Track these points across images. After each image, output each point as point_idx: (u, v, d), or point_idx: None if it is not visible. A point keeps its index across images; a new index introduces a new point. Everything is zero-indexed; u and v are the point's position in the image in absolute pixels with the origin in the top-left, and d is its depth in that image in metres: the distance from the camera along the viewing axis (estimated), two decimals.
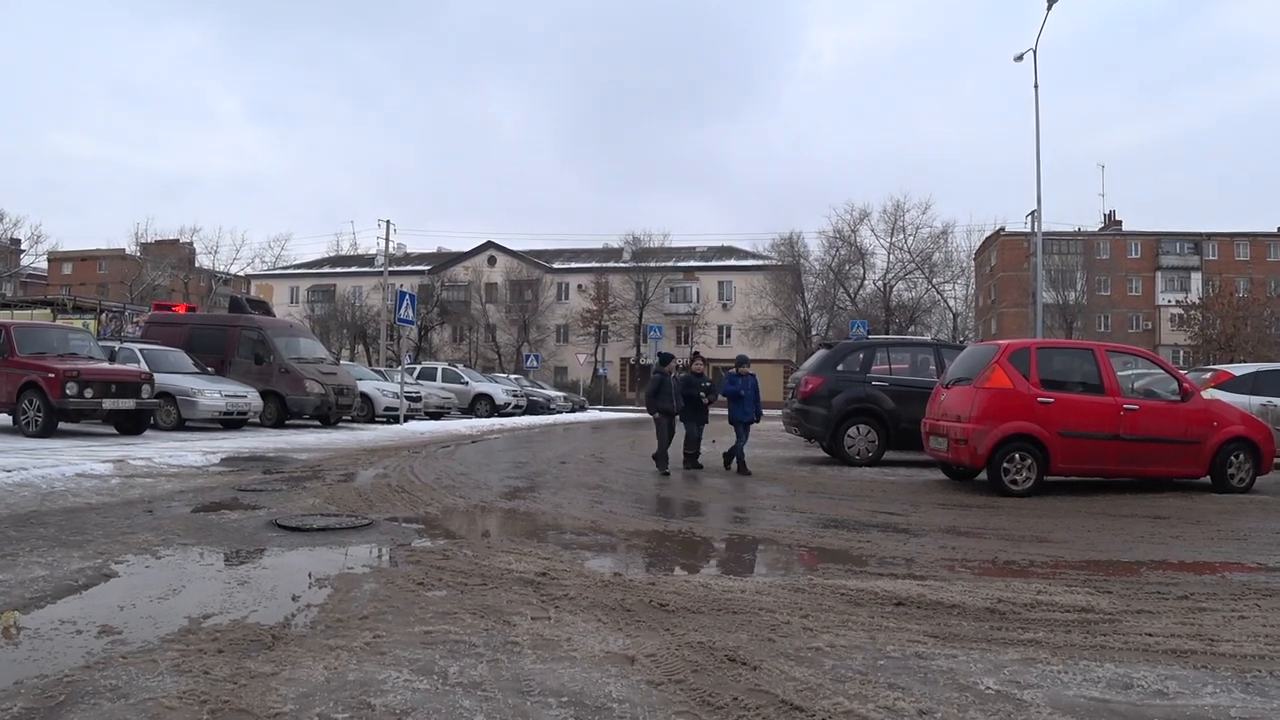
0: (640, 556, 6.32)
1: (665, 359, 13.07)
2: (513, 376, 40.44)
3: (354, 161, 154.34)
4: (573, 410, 39.44)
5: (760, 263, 64.97)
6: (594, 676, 3.46)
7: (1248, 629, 4.52)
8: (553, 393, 39.63)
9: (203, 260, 76.32)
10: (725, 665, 3.62)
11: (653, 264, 65.77)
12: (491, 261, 71.83)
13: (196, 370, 18.23)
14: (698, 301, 67.35)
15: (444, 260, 74.00)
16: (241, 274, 77.87)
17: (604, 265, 68.35)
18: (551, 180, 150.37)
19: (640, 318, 63.37)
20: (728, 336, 66.00)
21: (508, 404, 31.44)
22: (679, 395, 12.76)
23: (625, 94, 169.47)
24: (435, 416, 26.72)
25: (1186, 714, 3.26)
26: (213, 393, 17.10)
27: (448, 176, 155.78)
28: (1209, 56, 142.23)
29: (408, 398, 23.83)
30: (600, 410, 45.97)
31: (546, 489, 10.21)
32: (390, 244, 51.81)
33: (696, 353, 14.14)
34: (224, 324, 21.02)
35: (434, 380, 30.56)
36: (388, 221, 47.18)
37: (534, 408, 34.38)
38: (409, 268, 71.82)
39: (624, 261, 67.62)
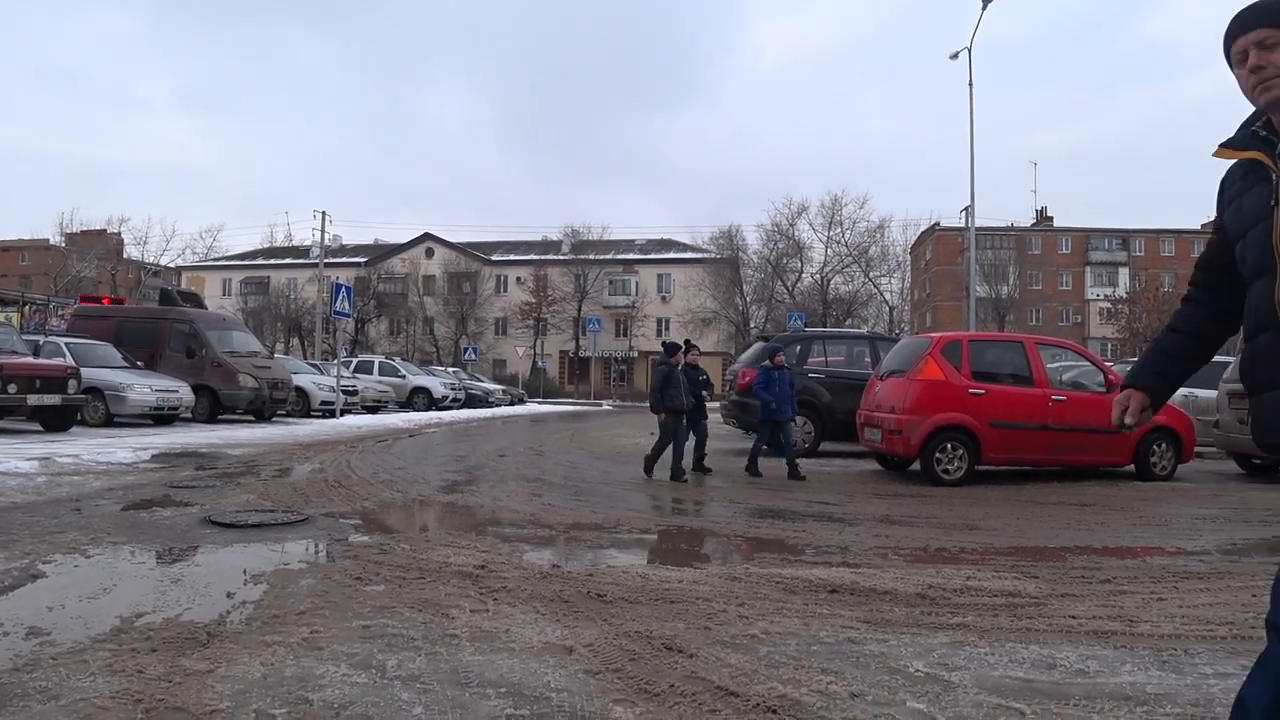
0: (578, 548, 6.34)
1: (672, 349, 11.48)
2: (451, 370, 40.13)
3: (289, 151, 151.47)
4: (512, 404, 39.31)
5: (699, 256, 65.17)
6: (532, 667, 3.49)
7: (1165, 610, 4.68)
8: (491, 386, 39.45)
9: (131, 251, 74.72)
10: (662, 653, 3.67)
11: (592, 256, 65.72)
12: (429, 253, 71.19)
13: (125, 364, 17.82)
14: (637, 294, 67.39)
15: (381, 252, 73.15)
16: (172, 266, 76.27)
17: (543, 258, 68.13)
18: (490, 172, 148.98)
19: (579, 310, 63.31)
20: (667, 329, 66.05)
21: (445, 397, 31.23)
22: (688, 391, 11.17)
23: (566, 86, 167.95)
24: (372, 410, 26.46)
25: (1105, 691, 3.37)
26: (142, 387, 16.74)
27: (385, 167, 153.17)
28: (1140, 61, 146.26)
29: (344, 391, 23.55)
30: (539, 403, 45.82)
31: (485, 482, 10.19)
32: (326, 235, 51.14)
33: (688, 340, 12.67)
34: (154, 317, 20.60)
35: (371, 374, 30.23)
36: (323, 213, 46.49)
37: (472, 401, 34.18)
38: (345, 260, 70.84)
39: (563, 254, 67.51)
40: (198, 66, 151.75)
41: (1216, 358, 14.34)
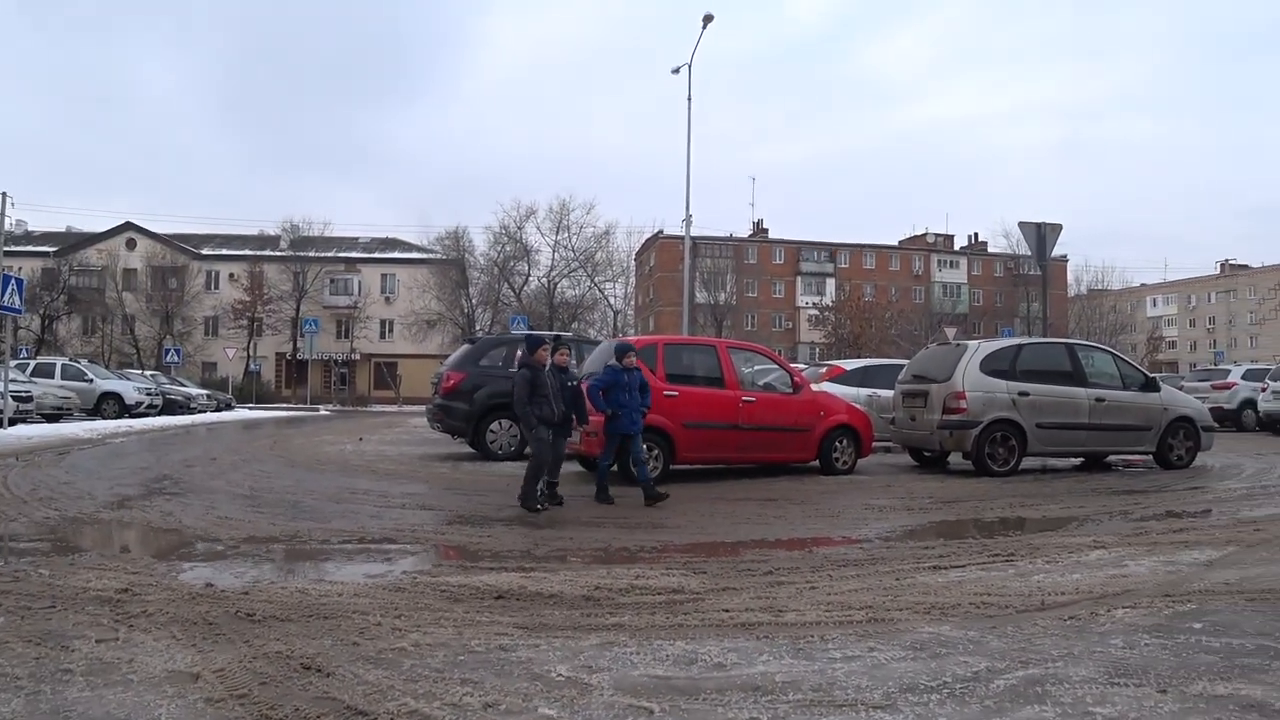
0: (243, 564, 5.96)
1: (535, 343, 9.02)
2: (149, 373, 37.21)
3: None
4: (218, 409, 36.89)
5: (425, 256, 64.09)
6: (147, 700, 3.22)
7: (814, 598, 4.98)
8: (195, 390, 36.89)
9: None
10: (297, 674, 3.50)
11: (312, 254, 62.96)
12: (131, 245, 65.46)
13: None
14: (359, 294, 65.26)
15: (74, 241, 66.37)
16: None
17: (259, 253, 64.38)
18: (202, 158, 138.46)
19: (297, 310, 60.57)
20: (390, 331, 64.65)
21: (140, 403, 28.81)
22: (559, 398, 8.93)
23: (289, 68, 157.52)
24: (52, 419, 24.04)
25: (737, 683, 3.52)
26: None
27: (80, 146, 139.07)
28: (852, 87, 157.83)
29: (15, 398, 21.21)
30: (251, 409, 43.32)
31: (161, 496, 9.41)
32: (7, 220, 45.89)
33: (558, 337, 10.47)
34: None
35: (52, 377, 27.39)
36: (3, 194, 41.47)
37: (171, 407, 31.79)
38: (30, 248, 63.57)
39: (281, 250, 64.23)
40: None
41: (894, 360, 15.73)
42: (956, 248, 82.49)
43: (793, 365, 14.40)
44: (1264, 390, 23.33)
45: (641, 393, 9.58)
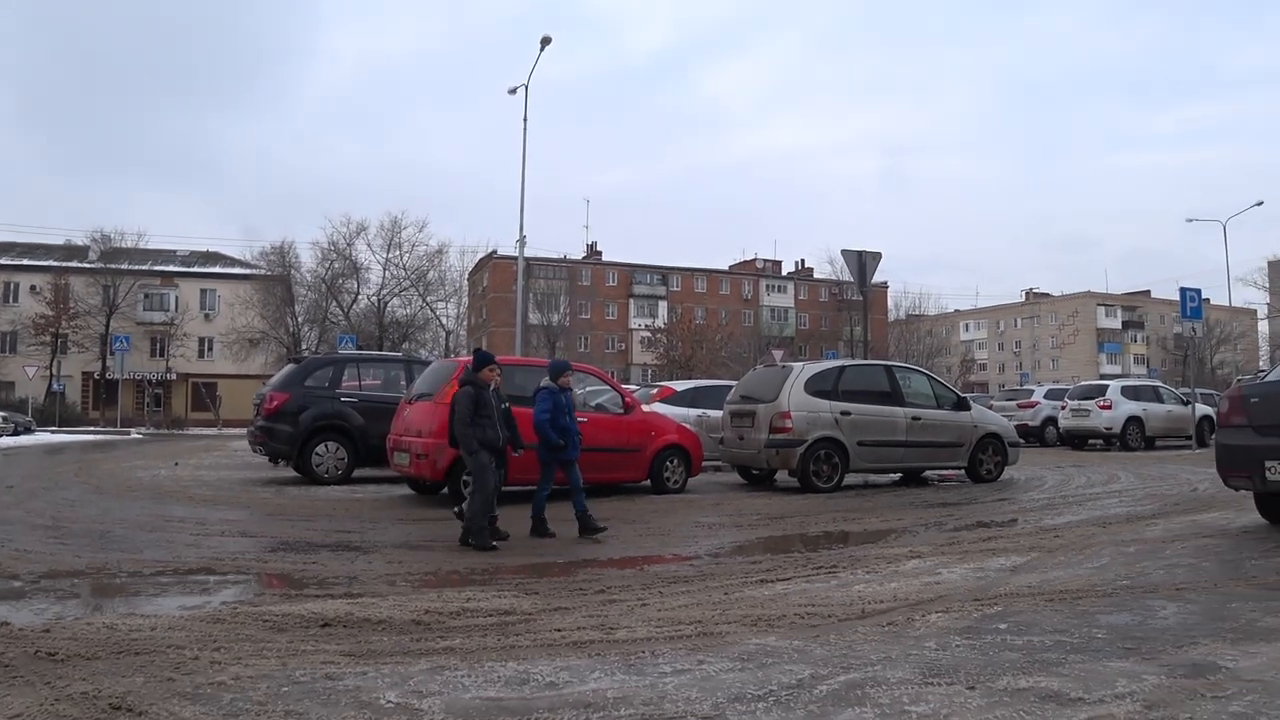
0: (43, 600, 5.55)
1: (482, 360, 8.41)
2: None
3: None
4: (16, 432, 34.38)
5: (248, 272, 61.64)
6: None
7: (646, 615, 5.05)
8: None
9: None
10: (105, 716, 3.29)
11: (125, 266, 59.48)
12: None
13: None
14: (176, 310, 62.09)
15: None
16: None
17: (65, 264, 60.26)
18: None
19: (107, 326, 57.00)
20: (210, 350, 61.82)
21: None
22: (503, 422, 8.36)
23: (100, 64, 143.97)
24: None
25: (569, 701, 3.53)
26: None
27: None
28: (683, 117, 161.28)
29: None
30: (54, 432, 40.52)
31: None
32: None
33: (479, 350, 9.43)
34: None
35: None
36: None
37: None
38: None
39: (89, 261, 60.44)
40: None
41: (723, 381, 16.16)
42: (784, 273, 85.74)
43: (624, 386, 14.57)
44: (1064, 409, 25.45)
45: (571, 413, 9.10)
